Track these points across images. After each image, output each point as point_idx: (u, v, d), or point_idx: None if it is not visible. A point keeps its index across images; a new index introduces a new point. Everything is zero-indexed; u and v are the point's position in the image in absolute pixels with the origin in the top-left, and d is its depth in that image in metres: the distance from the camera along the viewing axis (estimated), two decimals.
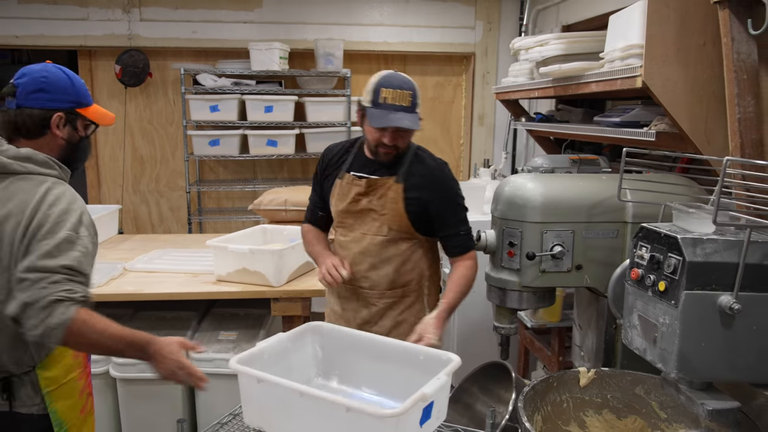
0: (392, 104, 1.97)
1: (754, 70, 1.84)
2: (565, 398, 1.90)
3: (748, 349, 1.49)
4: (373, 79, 2.06)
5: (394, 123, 1.97)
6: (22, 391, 1.55)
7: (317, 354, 1.74)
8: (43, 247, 1.42)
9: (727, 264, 1.46)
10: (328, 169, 2.23)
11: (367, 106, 2.02)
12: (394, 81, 2.01)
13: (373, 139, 2.05)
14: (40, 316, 1.35)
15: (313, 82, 4.36)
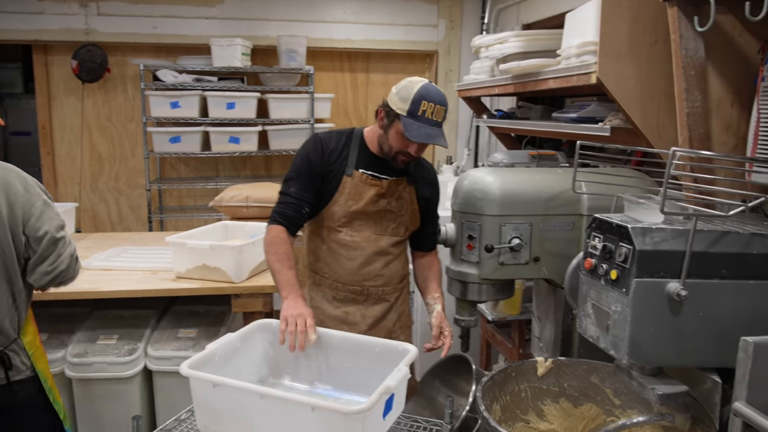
0: (430, 119, 1.95)
1: (701, 66, 1.90)
2: (523, 388, 1.94)
3: (695, 335, 1.54)
4: (410, 86, 1.97)
5: (434, 140, 1.96)
6: (17, 359, 1.75)
7: (267, 352, 1.73)
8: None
9: (675, 252, 1.51)
10: (329, 162, 2.09)
11: (402, 114, 1.95)
12: (434, 95, 1.96)
13: (397, 146, 2.02)
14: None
15: (276, 79, 4.33)
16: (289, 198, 2.07)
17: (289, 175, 2.11)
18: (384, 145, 2.06)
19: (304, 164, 2.09)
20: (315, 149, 2.10)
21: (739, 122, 2.04)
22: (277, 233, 2.02)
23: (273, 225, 2.04)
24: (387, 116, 2.01)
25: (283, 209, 2.06)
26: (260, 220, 3.12)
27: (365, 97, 4.89)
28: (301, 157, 2.11)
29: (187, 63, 4.16)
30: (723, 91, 2.01)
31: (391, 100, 2.00)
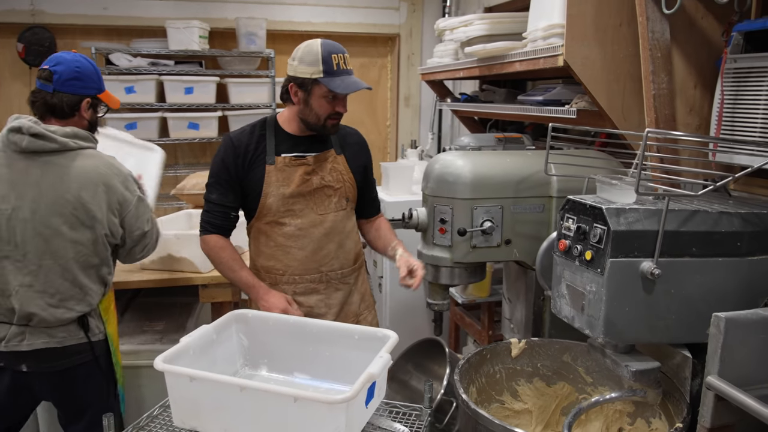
0: (346, 68, 1.95)
1: (667, 48, 1.93)
2: (498, 369, 1.96)
3: (667, 312, 1.58)
4: (309, 49, 1.94)
5: (360, 86, 1.96)
6: (93, 323, 1.98)
7: (242, 343, 1.69)
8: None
9: (648, 232, 1.53)
10: (247, 159, 2.04)
11: (320, 77, 1.91)
12: (337, 46, 1.97)
13: (324, 111, 1.98)
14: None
15: (236, 62, 4.22)
16: (212, 206, 2.07)
17: (208, 181, 2.08)
18: (310, 117, 2.01)
19: (220, 168, 2.05)
20: (227, 151, 2.05)
21: (702, 103, 2.09)
22: (214, 242, 2.07)
23: (205, 235, 2.08)
24: (302, 87, 1.96)
25: (210, 218, 2.08)
26: None
27: None
28: (215, 162, 2.07)
29: (142, 46, 4.01)
30: (686, 72, 2.05)
31: (297, 71, 1.95)
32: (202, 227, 2.09)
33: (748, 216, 1.60)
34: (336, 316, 2.16)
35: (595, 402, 1.81)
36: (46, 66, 1.91)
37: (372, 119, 4.98)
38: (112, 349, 2.06)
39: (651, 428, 1.75)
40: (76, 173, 1.87)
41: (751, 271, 1.59)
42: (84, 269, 1.92)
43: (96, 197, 1.88)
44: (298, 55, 1.97)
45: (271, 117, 2.13)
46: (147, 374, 2.35)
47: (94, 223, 1.88)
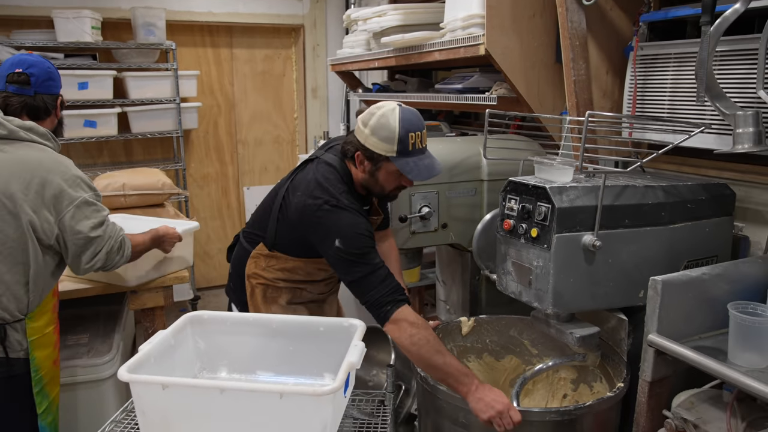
0: (420, 148, 1.75)
1: (584, 37, 2.08)
2: (450, 347, 2.03)
3: (606, 279, 1.72)
4: (386, 122, 1.71)
5: (435, 171, 1.77)
6: (13, 337, 1.80)
7: (198, 346, 1.63)
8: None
9: (587, 207, 1.66)
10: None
11: (392, 156, 1.72)
12: (415, 120, 1.74)
13: (391, 186, 1.82)
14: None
15: (133, 55, 3.97)
16: (384, 270, 1.71)
17: (361, 249, 1.71)
18: (374, 188, 1.84)
19: (370, 236, 1.75)
20: (364, 220, 1.77)
21: (613, 88, 2.27)
22: (415, 317, 1.67)
23: (399, 308, 1.66)
24: (371, 161, 1.77)
25: (392, 286, 1.69)
26: (139, 209, 2.90)
27: (230, 73, 4.67)
28: (362, 229, 1.74)
29: (25, 38, 3.65)
30: (600, 60, 2.22)
31: (368, 143, 1.74)
32: (391, 302, 1.66)
33: (668, 188, 1.77)
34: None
35: (538, 370, 1.94)
36: (19, 70, 1.88)
37: (278, 112, 4.89)
38: (36, 376, 1.85)
39: (593, 391, 1.90)
40: (15, 161, 1.77)
41: (673, 237, 1.77)
42: (7, 263, 1.76)
43: (28, 188, 1.76)
44: (371, 123, 1.73)
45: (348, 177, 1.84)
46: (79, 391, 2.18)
47: (19, 213, 1.75)
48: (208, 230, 4.79)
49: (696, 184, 1.84)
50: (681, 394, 1.68)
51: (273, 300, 2.01)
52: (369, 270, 1.70)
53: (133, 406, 1.63)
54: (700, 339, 1.62)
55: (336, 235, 1.72)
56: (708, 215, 1.83)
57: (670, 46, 1.98)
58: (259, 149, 4.86)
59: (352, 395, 1.71)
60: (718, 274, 1.63)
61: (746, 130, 1.63)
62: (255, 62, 4.72)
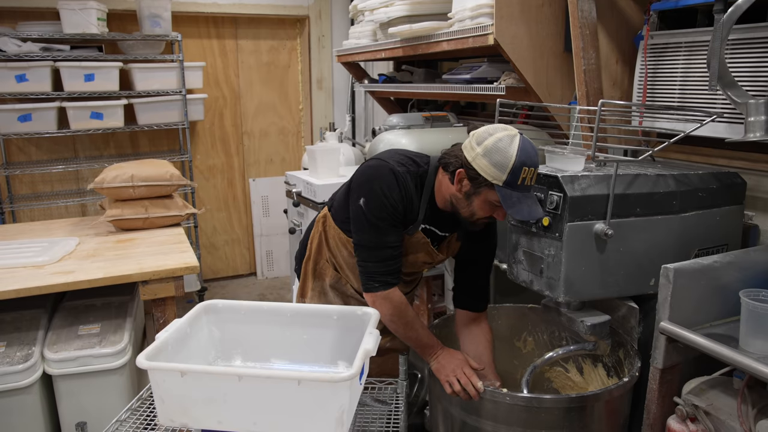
0: (529, 186, 1.59)
1: (594, 26, 2.08)
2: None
3: (617, 268, 1.73)
4: (504, 148, 1.56)
5: (537, 215, 1.61)
6: None
7: (213, 335, 1.65)
8: None
9: (599, 196, 1.66)
10: (406, 209, 1.74)
11: (498, 185, 1.58)
12: (533, 155, 1.58)
13: (483, 213, 1.67)
14: None
15: (139, 46, 3.97)
16: (391, 251, 1.71)
17: (376, 223, 1.69)
18: (463, 210, 1.69)
19: (392, 207, 1.69)
20: (398, 190, 1.70)
21: (623, 77, 2.27)
22: (399, 298, 1.74)
23: (389, 290, 1.72)
24: (472, 182, 1.62)
25: (391, 267, 1.72)
26: (149, 200, 2.90)
27: (236, 64, 4.66)
28: (382, 200, 1.69)
29: (32, 30, 3.65)
30: (609, 49, 2.22)
31: (476, 163, 1.59)
32: (381, 282, 1.72)
33: (679, 177, 1.78)
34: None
35: (548, 358, 1.95)
36: None
37: (284, 103, 4.89)
38: None
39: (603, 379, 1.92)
40: None
41: (684, 226, 1.78)
42: None
43: None
44: (486, 143, 1.58)
45: (432, 175, 1.76)
46: (88, 382, 2.20)
47: None
48: (214, 222, 4.80)
49: (707, 173, 1.84)
50: (692, 381, 1.69)
51: (320, 275, 2.01)
52: (376, 243, 1.70)
53: (149, 394, 1.65)
54: (711, 326, 1.63)
55: (365, 193, 1.69)
56: (719, 204, 1.83)
57: (681, 35, 1.98)
58: (265, 141, 4.87)
59: (366, 383, 1.72)
60: (729, 262, 1.63)
61: (758, 118, 1.63)
62: (260, 53, 4.72)
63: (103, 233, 2.85)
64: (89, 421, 2.20)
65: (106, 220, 2.81)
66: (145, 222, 2.87)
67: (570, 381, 2.06)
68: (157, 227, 2.92)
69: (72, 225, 3.03)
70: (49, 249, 2.49)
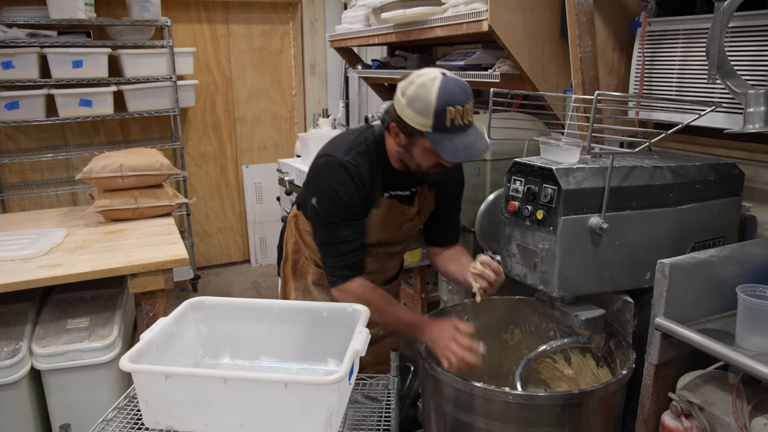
0: (461, 124, 1.53)
1: (590, 12, 2.02)
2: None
3: (612, 262, 1.70)
4: (424, 92, 1.50)
5: (477, 152, 1.55)
6: None
7: (201, 332, 1.61)
8: None
9: (595, 189, 1.63)
10: (366, 199, 1.72)
11: (427, 131, 1.53)
12: (458, 92, 1.51)
13: (428, 162, 1.62)
14: None
15: (128, 32, 3.89)
16: (347, 245, 1.69)
17: (329, 220, 1.69)
18: (410, 163, 1.67)
19: (345, 205, 1.67)
20: (348, 188, 1.66)
21: (620, 65, 2.22)
22: (358, 287, 1.71)
23: (344, 284, 1.71)
24: (405, 134, 1.59)
25: (348, 261, 1.70)
26: (138, 190, 2.86)
27: (227, 50, 4.59)
28: (334, 198, 1.67)
29: (17, 15, 3.57)
30: (606, 36, 2.17)
31: (403, 114, 1.56)
32: (338, 276, 1.71)
33: (676, 169, 1.74)
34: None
35: (542, 351, 1.93)
36: None
37: (276, 89, 4.83)
38: None
39: (596, 372, 1.90)
40: None
41: (680, 219, 1.75)
42: None
43: None
44: (408, 92, 1.54)
45: (380, 142, 1.72)
46: (76, 376, 2.18)
47: None
48: (207, 209, 4.76)
49: (704, 164, 1.80)
50: (686, 375, 1.67)
51: (302, 274, 1.96)
52: (332, 240, 1.69)
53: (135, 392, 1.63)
54: (707, 321, 1.61)
55: (315, 193, 1.69)
56: (716, 196, 1.80)
57: (680, 22, 1.93)
58: (258, 127, 4.81)
59: (357, 378, 1.69)
60: (726, 256, 1.61)
61: (758, 109, 1.59)
62: (252, 38, 4.64)
63: (92, 224, 2.81)
64: (79, 415, 2.20)
65: (94, 210, 2.77)
66: (135, 212, 2.83)
67: (558, 372, 2.04)
68: (147, 217, 2.88)
69: (61, 215, 2.99)
70: (37, 241, 2.45)
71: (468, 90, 1.55)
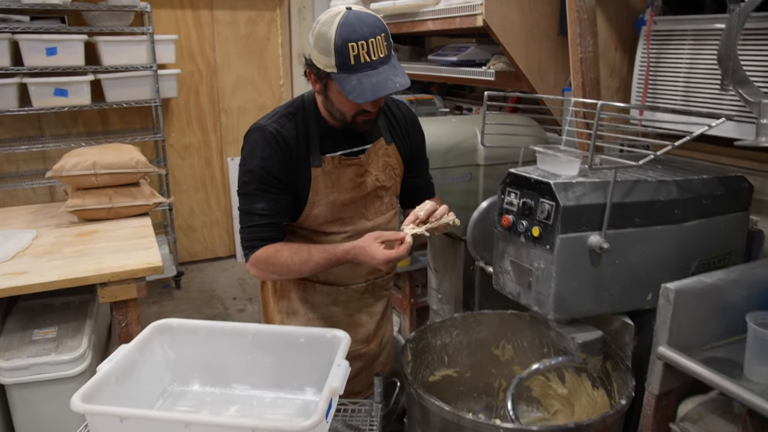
0: (369, 61, 1.39)
1: (592, 9, 1.89)
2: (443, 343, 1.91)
3: (612, 282, 1.58)
4: (324, 29, 1.40)
5: (385, 90, 1.39)
6: None
7: (168, 357, 1.49)
8: None
9: (595, 205, 1.51)
10: (294, 160, 1.57)
11: (332, 71, 1.41)
12: (359, 27, 1.38)
13: (348, 108, 1.50)
14: None
15: (105, 18, 3.71)
16: (259, 218, 1.57)
17: (245, 188, 1.58)
18: (334, 113, 1.55)
19: (263, 172, 1.55)
20: (272, 152, 1.54)
21: (622, 65, 2.10)
22: (265, 252, 1.57)
23: (254, 254, 1.58)
24: (318, 78, 1.49)
25: (258, 233, 1.58)
26: (113, 188, 2.72)
27: (211, 37, 4.41)
28: (253, 165, 1.56)
29: None
30: (608, 34, 2.04)
31: (312, 56, 1.46)
32: (250, 247, 1.59)
33: (682, 183, 1.62)
34: (376, 325, 1.87)
35: (535, 370, 1.81)
36: None
37: (263, 78, 4.66)
38: None
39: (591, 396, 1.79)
40: None
41: (684, 236, 1.63)
42: None
43: None
44: (315, 32, 1.43)
45: (310, 101, 1.61)
46: (43, 390, 2.05)
47: None
48: (191, 203, 4.61)
49: (712, 177, 1.69)
50: (687, 401, 1.57)
51: (284, 294, 1.80)
52: (247, 210, 1.59)
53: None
54: (713, 348, 1.50)
55: (240, 162, 1.61)
56: (723, 211, 1.68)
57: (688, 22, 1.80)
58: (244, 118, 4.64)
59: (339, 404, 1.58)
60: (734, 279, 1.50)
61: None
62: (238, 25, 4.46)
63: (64, 224, 2.67)
64: (46, 431, 2.08)
65: (66, 210, 2.63)
66: (110, 212, 2.69)
67: (551, 390, 1.94)
68: (123, 217, 2.74)
69: (32, 213, 2.85)
70: (2, 244, 2.32)
71: (375, 24, 1.41)
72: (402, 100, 1.84)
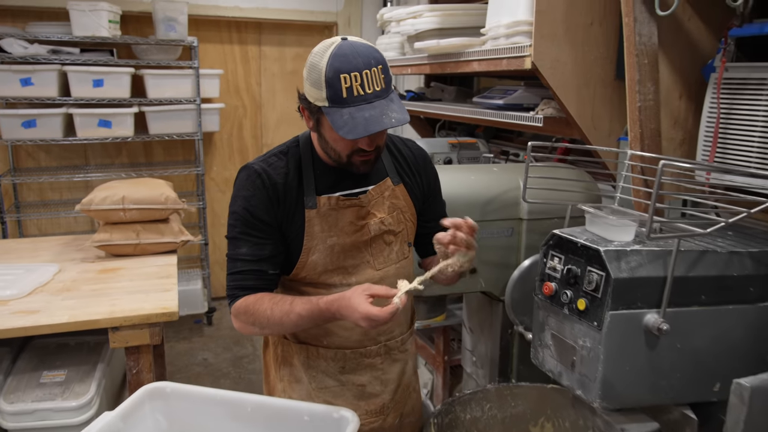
0: (363, 94, 1.26)
1: (654, 54, 1.70)
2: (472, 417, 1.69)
3: (672, 369, 1.35)
4: (316, 60, 1.28)
5: (379, 126, 1.25)
6: None
7: (159, 425, 1.34)
8: None
9: (653, 279, 1.29)
10: (283, 202, 1.43)
11: (323, 105, 1.28)
12: (353, 57, 1.26)
13: (342, 147, 1.36)
14: None
15: (153, 51, 3.74)
16: (243, 263, 1.43)
17: (231, 232, 1.45)
18: (329, 151, 1.40)
19: (248, 215, 1.42)
20: (256, 192, 1.42)
21: (687, 115, 1.88)
22: (244, 303, 1.41)
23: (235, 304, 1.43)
24: (310, 114, 1.36)
25: (241, 280, 1.43)
26: (141, 224, 2.65)
27: (258, 72, 4.40)
28: (238, 206, 1.44)
29: (40, 31, 3.46)
30: (672, 81, 1.83)
31: (305, 90, 1.34)
32: (232, 296, 1.44)
33: (759, 255, 1.39)
34: (393, 394, 1.64)
35: None
36: None
37: None
38: None
39: None
40: None
41: (760, 318, 1.39)
42: None
43: None
44: (307, 64, 1.32)
45: (306, 139, 1.48)
46: None
47: None
48: None
49: None
50: None
51: (286, 360, 1.60)
52: (232, 255, 1.46)
53: None
54: None
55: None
56: None
57: (766, 70, 1.58)
58: None
59: None
60: None
61: None
62: (284, 61, 4.45)
63: (90, 258, 2.61)
64: None
65: (92, 245, 2.56)
66: (136, 248, 2.61)
67: None
68: (150, 254, 2.65)
69: (61, 245, 2.80)
70: (22, 279, 2.25)
71: (371, 55, 1.28)
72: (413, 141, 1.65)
